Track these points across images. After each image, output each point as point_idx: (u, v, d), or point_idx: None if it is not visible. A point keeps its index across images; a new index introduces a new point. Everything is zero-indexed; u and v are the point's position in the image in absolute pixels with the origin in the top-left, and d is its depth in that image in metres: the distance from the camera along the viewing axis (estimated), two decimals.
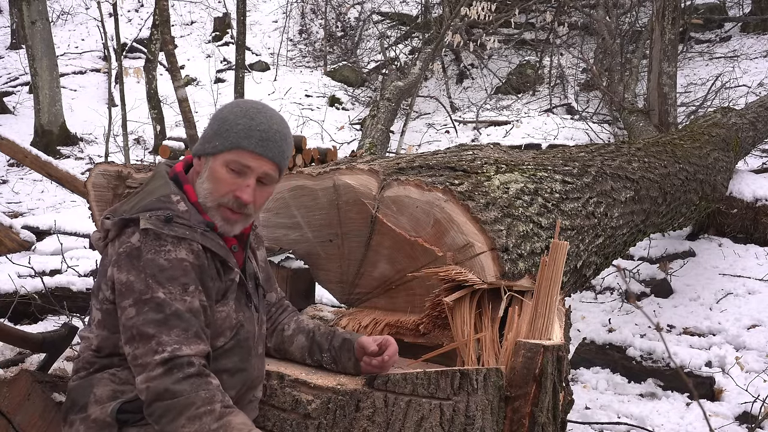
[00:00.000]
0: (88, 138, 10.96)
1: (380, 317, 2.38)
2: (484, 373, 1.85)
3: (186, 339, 1.51)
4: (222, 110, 1.70)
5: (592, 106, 10.65)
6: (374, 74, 13.06)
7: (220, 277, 1.64)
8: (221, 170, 1.63)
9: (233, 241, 1.72)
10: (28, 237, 5.30)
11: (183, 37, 14.86)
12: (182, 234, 1.57)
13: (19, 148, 6.14)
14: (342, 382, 1.77)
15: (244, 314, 1.71)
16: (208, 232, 1.62)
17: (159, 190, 1.64)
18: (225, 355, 1.66)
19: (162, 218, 1.57)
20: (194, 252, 1.58)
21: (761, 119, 6.59)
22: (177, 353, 1.48)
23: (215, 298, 1.63)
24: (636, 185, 3.59)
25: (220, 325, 1.64)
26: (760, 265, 5.27)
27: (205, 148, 1.66)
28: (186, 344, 1.50)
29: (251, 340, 1.72)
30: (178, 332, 1.50)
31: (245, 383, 1.71)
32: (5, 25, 15.47)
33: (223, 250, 1.64)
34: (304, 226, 2.50)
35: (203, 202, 1.66)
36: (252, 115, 1.65)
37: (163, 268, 1.53)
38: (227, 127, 1.64)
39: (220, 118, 1.67)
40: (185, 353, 1.49)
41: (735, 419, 3.58)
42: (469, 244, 2.16)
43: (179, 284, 1.54)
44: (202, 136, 1.70)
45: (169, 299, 1.52)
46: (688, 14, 11.05)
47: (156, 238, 1.55)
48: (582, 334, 4.51)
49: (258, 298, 1.79)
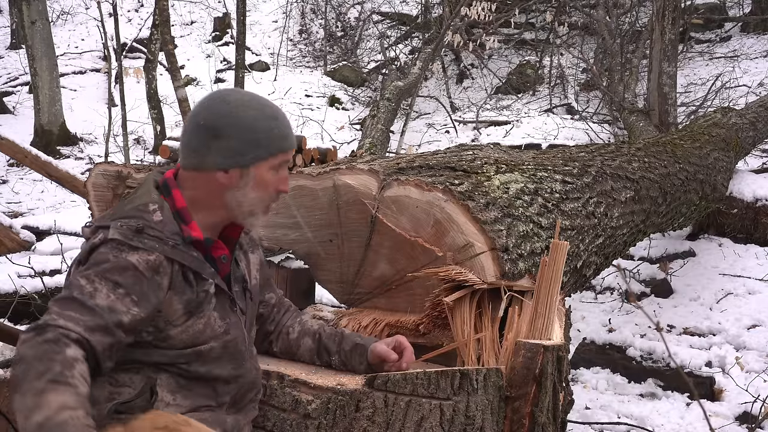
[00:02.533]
0: (88, 138, 10.96)
1: (380, 317, 2.38)
2: (484, 373, 1.85)
3: (73, 318, 1.41)
4: (234, 115, 1.60)
5: (592, 106, 10.65)
6: (374, 74, 13.06)
7: (192, 288, 1.60)
8: (268, 175, 1.64)
9: (224, 251, 1.70)
10: (28, 237, 5.29)
11: (183, 37, 14.85)
12: (149, 247, 1.54)
13: (19, 148, 6.13)
14: (342, 382, 1.77)
15: (230, 319, 1.68)
16: (179, 245, 1.59)
17: (140, 199, 1.63)
18: (217, 364, 1.65)
19: (133, 228, 1.55)
20: (148, 263, 1.53)
21: (761, 119, 6.59)
22: (50, 323, 1.39)
23: (190, 310, 1.60)
24: (636, 185, 3.59)
25: (198, 337, 1.62)
26: (760, 265, 5.27)
27: (242, 160, 1.60)
28: (68, 320, 1.40)
29: (241, 344, 1.70)
30: (71, 313, 1.42)
31: (242, 387, 1.70)
32: (5, 25, 15.47)
33: (195, 261, 1.61)
34: (304, 226, 2.50)
35: (251, 210, 1.65)
36: (272, 113, 1.65)
37: (105, 261, 1.50)
38: (263, 135, 1.61)
39: (244, 127, 1.59)
40: (59, 324, 1.39)
41: (735, 419, 3.58)
42: (469, 244, 2.16)
43: (111, 282, 1.49)
44: (222, 147, 1.59)
45: (86, 287, 1.47)
46: (688, 14, 11.05)
47: (117, 243, 1.53)
48: (582, 334, 4.51)
49: (245, 302, 1.76)
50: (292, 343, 1.96)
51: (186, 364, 1.61)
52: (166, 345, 1.59)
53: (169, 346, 1.59)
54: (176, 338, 1.59)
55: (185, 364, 1.61)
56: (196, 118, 1.63)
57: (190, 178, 1.65)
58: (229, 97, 1.65)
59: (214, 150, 1.60)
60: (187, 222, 1.64)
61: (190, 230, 1.63)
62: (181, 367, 1.61)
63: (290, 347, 1.96)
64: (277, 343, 1.98)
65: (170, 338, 1.59)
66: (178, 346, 1.60)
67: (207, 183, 1.64)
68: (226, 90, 1.71)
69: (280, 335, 1.98)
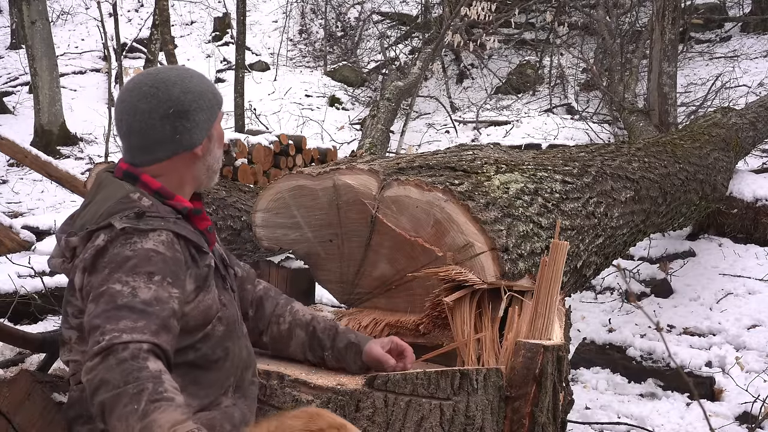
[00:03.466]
0: (88, 138, 10.95)
1: (380, 317, 2.38)
2: (484, 373, 1.85)
3: (133, 329, 1.38)
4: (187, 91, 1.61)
5: (592, 106, 10.64)
6: (374, 74, 13.06)
7: (197, 263, 1.60)
8: (219, 127, 1.70)
9: (208, 222, 1.69)
10: (28, 237, 5.31)
11: (183, 37, 14.85)
12: (158, 225, 1.52)
13: (19, 148, 6.14)
14: (342, 382, 1.77)
15: (225, 297, 1.68)
16: (180, 219, 1.59)
17: (114, 194, 1.58)
18: (218, 343, 1.63)
19: (133, 216, 1.52)
20: (164, 243, 1.52)
21: (761, 119, 6.58)
22: (115, 341, 1.36)
23: (198, 285, 1.59)
24: (636, 185, 3.59)
25: (208, 313, 1.61)
26: (760, 265, 5.27)
27: (210, 125, 1.66)
28: (130, 332, 1.37)
29: (236, 321, 1.71)
30: (126, 323, 1.39)
31: (240, 365, 1.69)
32: (5, 25, 15.46)
33: (195, 235, 1.61)
34: (304, 226, 2.50)
35: (216, 168, 1.70)
36: (194, 72, 1.68)
37: (127, 258, 1.47)
38: (211, 95, 1.66)
39: (200, 97, 1.62)
40: (124, 340, 1.36)
41: (735, 419, 3.58)
42: (469, 244, 2.16)
43: (144, 273, 1.46)
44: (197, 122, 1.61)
45: (124, 290, 1.43)
46: (688, 14, 11.04)
47: (124, 235, 1.50)
48: (582, 334, 4.51)
49: (230, 279, 1.77)
50: (283, 335, 1.92)
51: (193, 348, 1.59)
52: (181, 324, 1.53)
53: (183, 324, 1.54)
54: (189, 315, 1.57)
55: (192, 349, 1.58)
56: (151, 114, 1.58)
57: (151, 172, 1.63)
58: (165, 76, 1.62)
59: (185, 130, 1.61)
60: (171, 197, 1.62)
61: (180, 203, 1.62)
62: (188, 352, 1.58)
63: (281, 338, 1.93)
64: (267, 334, 1.94)
65: (185, 315, 1.55)
66: (190, 324, 1.57)
67: (179, 166, 1.64)
68: (145, 77, 1.63)
69: (269, 325, 1.94)
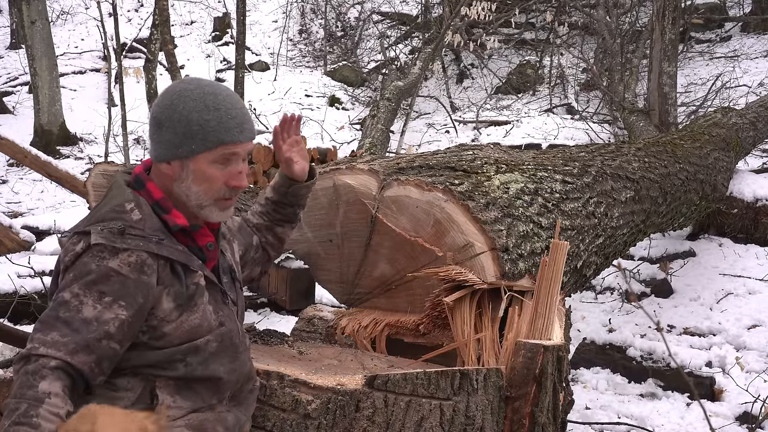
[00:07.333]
0: (87, 138, 10.96)
1: (380, 317, 2.38)
2: (484, 373, 1.85)
3: (55, 343, 1.42)
4: (173, 106, 1.59)
5: (592, 106, 10.64)
6: (374, 74, 13.06)
7: (181, 281, 1.59)
8: (209, 169, 1.59)
9: (209, 238, 1.68)
10: (28, 237, 5.30)
11: (183, 37, 14.85)
12: (133, 246, 1.52)
13: (19, 148, 6.14)
14: (342, 382, 1.77)
15: (223, 312, 1.67)
16: (164, 240, 1.58)
17: (113, 200, 1.60)
18: (214, 359, 1.63)
19: (114, 231, 1.53)
20: (131, 265, 1.51)
21: (761, 119, 6.59)
22: (33, 351, 1.42)
23: (180, 303, 1.58)
24: (636, 185, 3.59)
25: (196, 332, 1.61)
26: (761, 265, 5.27)
27: (178, 153, 1.58)
28: (49, 346, 1.42)
29: (235, 336, 1.70)
30: (54, 335, 1.43)
31: (239, 380, 1.70)
32: (5, 25, 15.47)
33: (183, 254, 1.60)
34: (304, 226, 2.50)
35: (198, 203, 1.62)
36: (213, 104, 1.59)
37: (89, 272, 1.49)
38: (197, 127, 1.57)
39: (179, 119, 1.58)
40: (39, 353, 1.41)
41: (735, 419, 3.58)
42: (469, 244, 2.16)
43: (96, 291, 1.48)
44: (163, 139, 1.60)
45: (72, 302, 1.46)
46: (688, 14, 11.04)
47: (98, 247, 1.51)
48: (582, 334, 4.51)
49: (235, 293, 1.76)
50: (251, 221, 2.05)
51: (183, 362, 1.59)
52: (163, 343, 1.57)
53: (166, 343, 1.57)
54: (172, 335, 1.58)
55: (182, 363, 1.59)
56: (153, 113, 1.64)
57: (154, 170, 1.66)
58: (177, 87, 1.63)
59: (158, 141, 1.61)
60: (168, 211, 1.61)
61: (174, 219, 1.61)
62: (178, 366, 1.59)
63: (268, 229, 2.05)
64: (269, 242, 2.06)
65: (166, 336, 1.57)
66: (174, 343, 1.58)
67: (160, 173, 1.64)
68: (185, 80, 1.67)
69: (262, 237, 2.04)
